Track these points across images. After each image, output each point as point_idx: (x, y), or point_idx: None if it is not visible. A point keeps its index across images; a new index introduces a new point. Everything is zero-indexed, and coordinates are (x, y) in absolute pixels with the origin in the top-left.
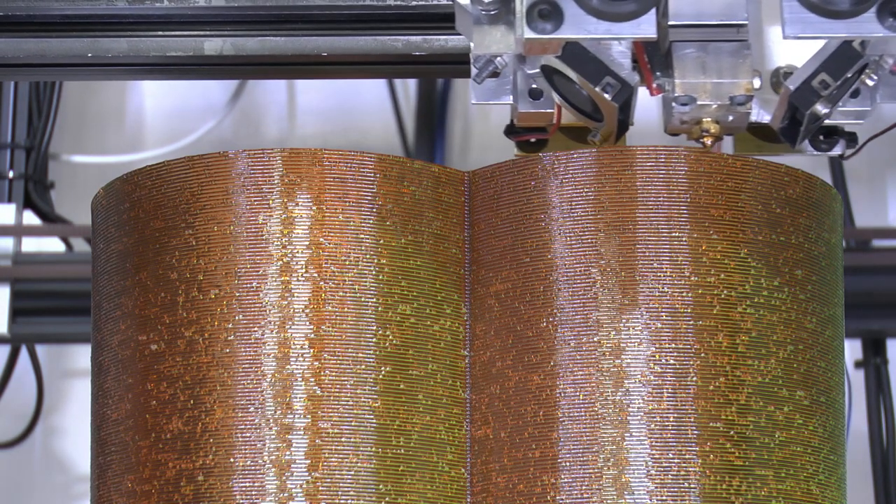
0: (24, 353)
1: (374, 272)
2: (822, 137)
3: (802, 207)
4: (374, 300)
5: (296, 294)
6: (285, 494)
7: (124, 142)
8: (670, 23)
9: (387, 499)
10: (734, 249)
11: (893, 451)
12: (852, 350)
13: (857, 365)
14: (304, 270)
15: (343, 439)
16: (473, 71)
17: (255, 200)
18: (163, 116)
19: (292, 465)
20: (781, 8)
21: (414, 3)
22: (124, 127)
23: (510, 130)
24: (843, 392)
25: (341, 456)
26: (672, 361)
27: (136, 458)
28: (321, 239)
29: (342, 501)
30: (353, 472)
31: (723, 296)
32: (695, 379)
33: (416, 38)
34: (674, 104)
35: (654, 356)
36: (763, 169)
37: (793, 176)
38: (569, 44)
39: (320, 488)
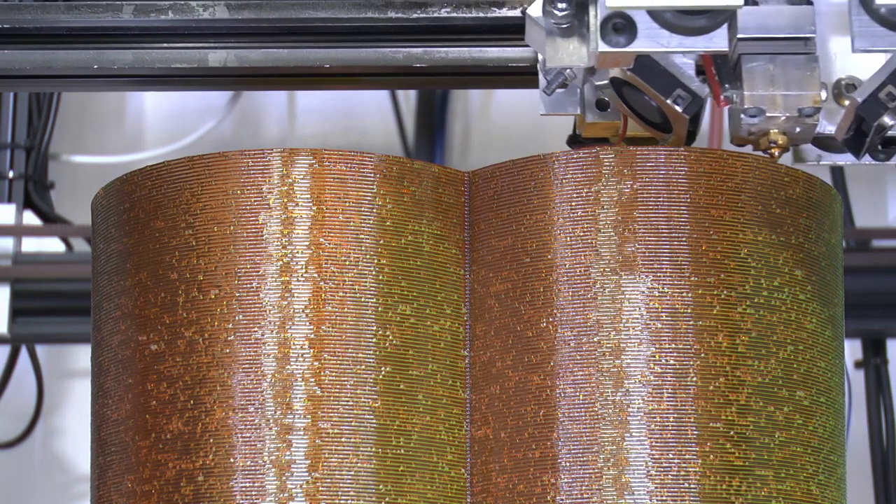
0: (24, 353)
1: (374, 272)
2: (880, 147)
3: (802, 208)
4: (374, 300)
5: (296, 294)
6: (285, 494)
7: (124, 142)
8: (739, 36)
9: (387, 499)
10: (734, 250)
11: (893, 451)
12: (852, 350)
13: (857, 365)
14: (304, 270)
15: (343, 439)
16: (543, 82)
17: (255, 200)
18: (163, 116)
19: (292, 466)
20: (851, 22)
21: (414, 15)
22: (124, 127)
23: (573, 140)
24: (843, 392)
25: (341, 456)
26: (672, 362)
27: (136, 459)
28: (321, 239)
29: (342, 501)
30: (353, 473)
31: (723, 296)
32: (695, 379)
33: (417, 50)
34: (742, 116)
35: (654, 356)
36: (763, 169)
37: (793, 176)
38: (640, 56)
39: (320, 488)
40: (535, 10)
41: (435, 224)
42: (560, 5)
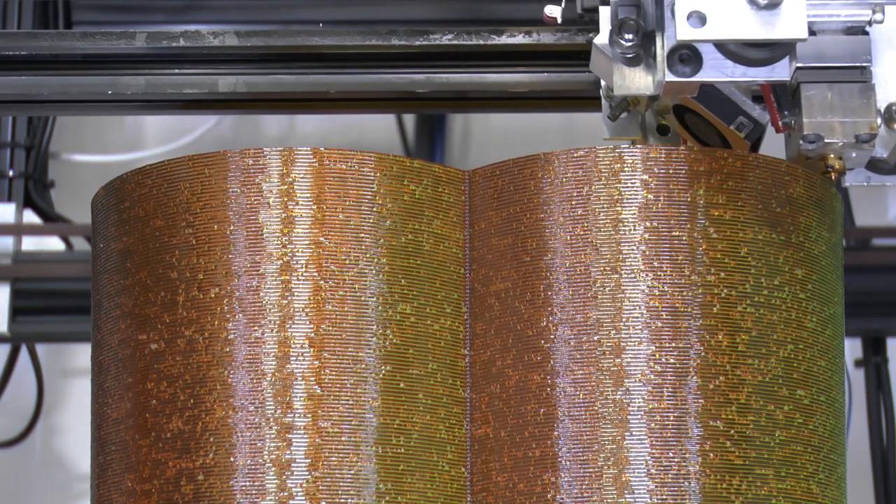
0: (24, 352)
1: (374, 271)
2: None
3: (803, 206)
4: (375, 299)
5: (296, 293)
6: (285, 493)
7: (124, 141)
8: (798, 65)
9: (387, 498)
10: (734, 249)
11: (893, 449)
12: (852, 349)
13: (858, 364)
14: (304, 270)
15: (343, 438)
16: (607, 108)
17: (255, 200)
18: (163, 116)
19: (292, 465)
20: None
21: (417, 42)
22: (124, 126)
23: None
24: (844, 391)
25: (341, 455)
26: (672, 360)
27: (137, 458)
28: (321, 238)
29: (342, 501)
30: (353, 472)
31: (723, 295)
32: (695, 378)
33: (419, 76)
34: (801, 141)
35: (655, 355)
36: (763, 168)
37: (793, 175)
38: (703, 85)
39: (320, 487)
40: (601, 39)
41: (435, 223)
42: (627, 36)
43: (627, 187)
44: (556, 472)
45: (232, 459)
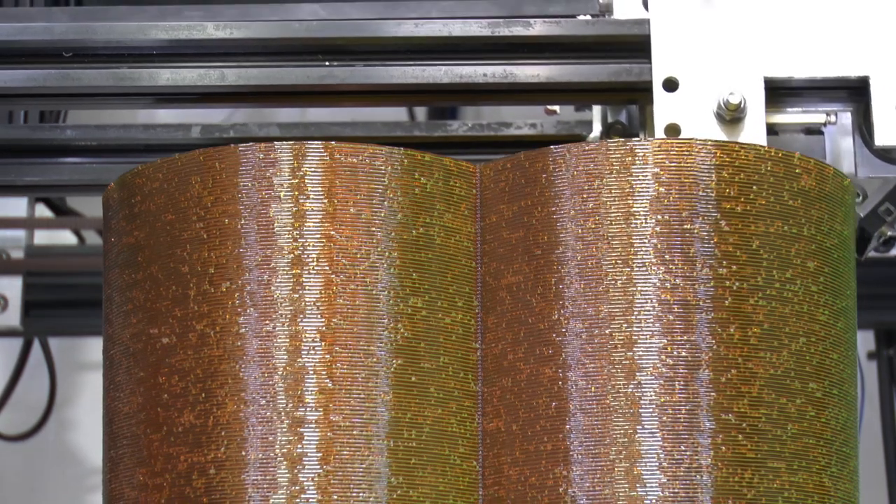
0: (36, 347)
1: (385, 265)
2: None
3: (815, 199)
4: (386, 293)
5: (307, 287)
6: (297, 487)
7: None
8: None
9: (398, 492)
10: (746, 241)
11: None
12: (865, 341)
13: (870, 356)
14: (315, 264)
15: (355, 432)
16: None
17: (265, 194)
18: (174, 109)
19: (304, 459)
20: None
21: (436, 134)
22: (136, 120)
23: None
24: (856, 384)
25: (353, 449)
26: (684, 354)
27: (148, 452)
28: (332, 232)
29: (354, 494)
30: (364, 465)
31: (734, 288)
32: (707, 371)
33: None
34: None
35: (666, 349)
36: (775, 161)
37: (805, 167)
38: None
39: (332, 481)
40: (594, 135)
41: (446, 216)
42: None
43: (639, 180)
44: (567, 466)
45: (243, 453)
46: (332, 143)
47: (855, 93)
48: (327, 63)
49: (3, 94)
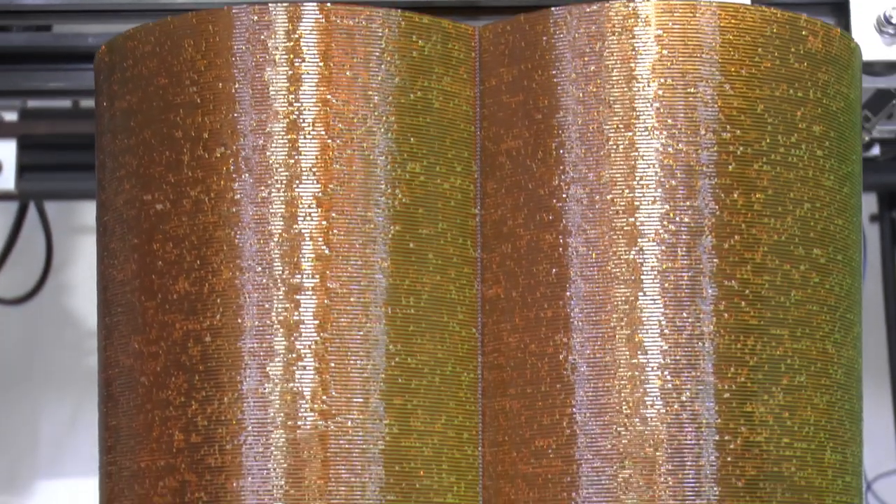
0: (32, 210)
1: (382, 129)
2: None
3: (821, 62)
4: (383, 158)
5: (303, 152)
6: (294, 355)
7: None
8: None
9: (397, 359)
10: (750, 105)
11: None
12: (867, 204)
13: (872, 219)
14: (311, 128)
15: (352, 299)
16: None
17: (260, 57)
18: None
19: (301, 326)
20: None
21: None
22: None
23: None
24: (860, 250)
25: (350, 316)
26: (686, 220)
27: (143, 320)
28: (328, 96)
29: (351, 362)
30: (362, 333)
31: (738, 153)
32: (710, 237)
33: None
34: None
35: (669, 214)
36: (781, 23)
37: (811, 29)
38: None
39: (329, 349)
40: None
41: (445, 80)
42: None
43: (641, 43)
44: (568, 333)
45: (239, 321)
46: (328, 4)
47: (835, 8)
48: None
49: None
